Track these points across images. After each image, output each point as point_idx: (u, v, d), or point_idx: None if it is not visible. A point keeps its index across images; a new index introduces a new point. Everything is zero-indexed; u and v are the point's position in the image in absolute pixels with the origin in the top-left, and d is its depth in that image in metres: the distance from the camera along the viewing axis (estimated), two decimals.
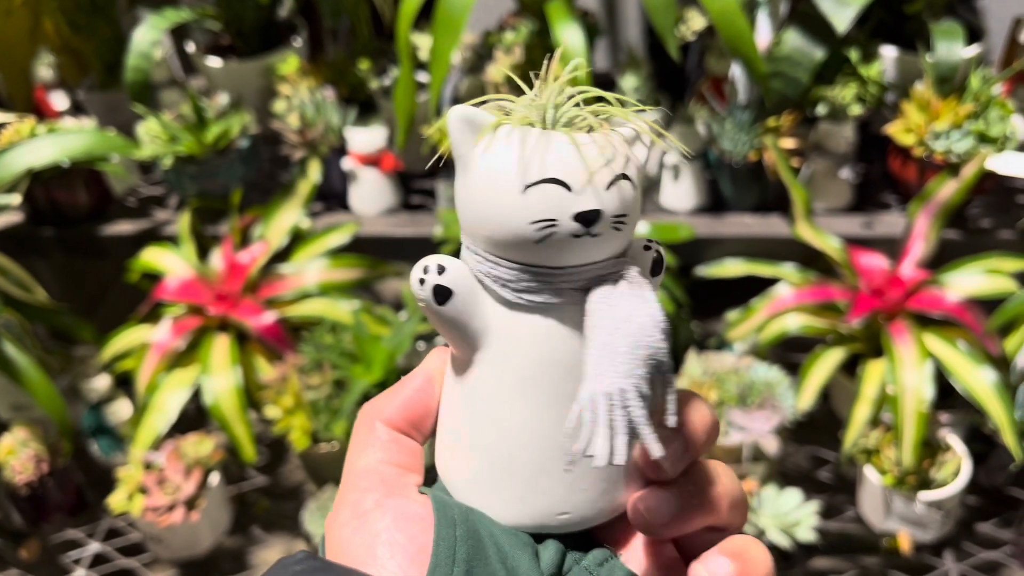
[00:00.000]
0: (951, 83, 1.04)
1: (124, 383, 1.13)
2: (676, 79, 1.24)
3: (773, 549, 0.95)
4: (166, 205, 1.20)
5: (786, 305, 1.02)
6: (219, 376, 1.00)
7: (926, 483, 0.97)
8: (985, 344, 0.95)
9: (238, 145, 1.14)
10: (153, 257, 1.09)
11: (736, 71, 1.10)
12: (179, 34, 1.36)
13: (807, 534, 0.93)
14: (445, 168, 1.19)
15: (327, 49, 1.32)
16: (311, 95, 1.14)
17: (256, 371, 1.04)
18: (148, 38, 1.12)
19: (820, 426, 1.10)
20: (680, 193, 1.12)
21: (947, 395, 1.00)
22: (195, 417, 1.11)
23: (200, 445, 1.02)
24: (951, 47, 1.04)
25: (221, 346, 1.03)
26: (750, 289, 1.08)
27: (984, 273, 0.99)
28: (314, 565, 0.25)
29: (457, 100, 1.19)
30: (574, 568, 0.28)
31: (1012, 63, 1.15)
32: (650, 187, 1.14)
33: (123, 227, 1.16)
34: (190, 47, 1.29)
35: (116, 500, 0.98)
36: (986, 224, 1.08)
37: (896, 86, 1.14)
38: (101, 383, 1.11)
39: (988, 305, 0.98)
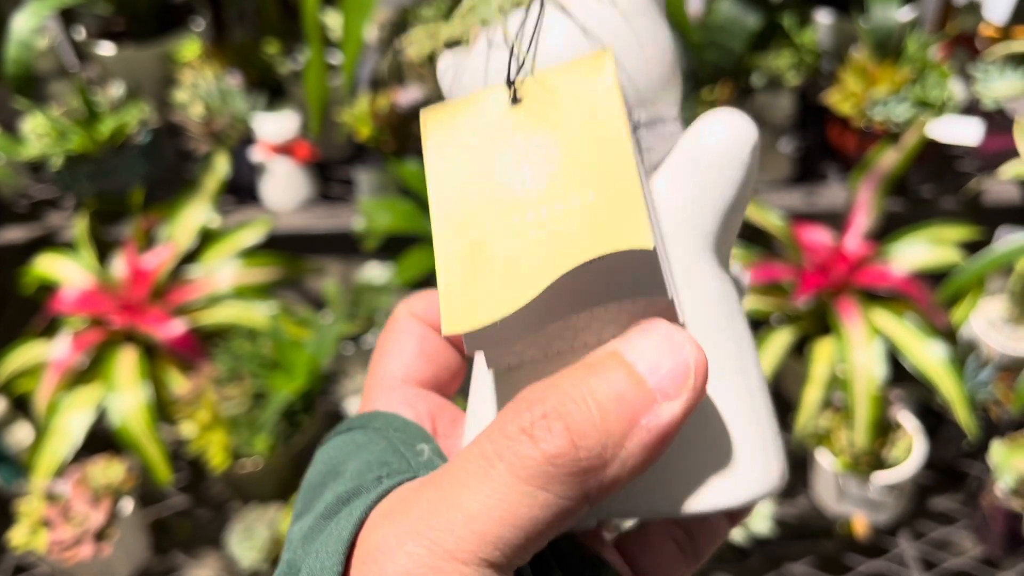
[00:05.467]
0: (887, 48, 1.00)
1: (23, 405, 1.03)
2: None
3: (727, 544, 0.91)
4: (60, 208, 1.10)
5: None
6: (126, 393, 0.92)
7: (879, 463, 0.94)
8: (931, 317, 0.92)
9: (137, 140, 1.04)
10: (47, 266, 0.99)
11: None
12: (67, 19, 1.25)
13: (763, 525, 0.89)
14: (364, 155, 1.11)
15: (231, 31, 1.22)
16: (216, 82, 1.05)
17: (168, 386, 0.95)
18: (29, 25, 1.01)
19: None
20: None
21: (894, 368, 0.97)
22: (104, 438, 1.03)
23: (109, 470, 0.93)
24: (886, 10, 1.00)
25: (127, 360, 0.94)
26: None
27: (928, 243, 0.96)
28: None
29: (375, 82, 1.11)
30: None
31: (946, 25, 1.12)
32: None
33: (13, 234, 1.06)
34: (80, 33, 1.18)
35: (17, 536, 0.89)
36: (926, 193, 1.05)
37: (832, 53, 1.10)
38: None
39: (933, 276, 0.95)
